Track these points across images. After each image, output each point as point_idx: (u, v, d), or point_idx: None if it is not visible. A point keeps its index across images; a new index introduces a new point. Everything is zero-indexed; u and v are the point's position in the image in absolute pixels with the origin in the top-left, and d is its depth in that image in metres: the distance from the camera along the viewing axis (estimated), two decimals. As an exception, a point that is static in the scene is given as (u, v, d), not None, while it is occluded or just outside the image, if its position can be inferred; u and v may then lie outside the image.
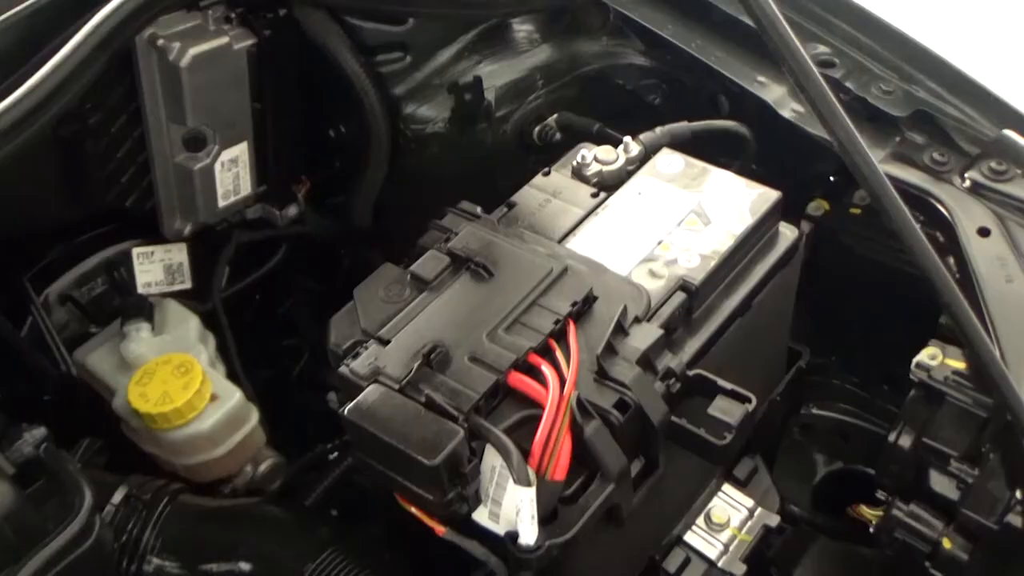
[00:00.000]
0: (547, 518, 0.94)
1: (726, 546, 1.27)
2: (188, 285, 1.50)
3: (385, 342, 1.01)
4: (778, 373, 1.35)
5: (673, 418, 1.00)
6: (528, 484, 0.90)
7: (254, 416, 1.27)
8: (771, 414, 1.35)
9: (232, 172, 1.42)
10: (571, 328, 1.01)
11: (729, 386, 1.01)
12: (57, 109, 1.02)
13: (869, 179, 1.05)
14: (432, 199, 1.25)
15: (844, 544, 1.41)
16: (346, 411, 0.95)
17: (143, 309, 1.33)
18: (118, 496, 1.09)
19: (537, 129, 1.50)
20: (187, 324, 1.35)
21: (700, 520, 1.28)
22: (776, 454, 1.46)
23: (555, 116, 1.50)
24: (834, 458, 1.59)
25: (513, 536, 0.93)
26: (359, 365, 0.99)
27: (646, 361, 1.01)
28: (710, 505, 1.29)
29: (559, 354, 0.99)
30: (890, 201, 1.05)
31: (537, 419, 0.94)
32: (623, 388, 0.97)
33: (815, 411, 1.61)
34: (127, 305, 1.34)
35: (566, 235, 1.15)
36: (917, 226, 1.07)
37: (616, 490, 0.98)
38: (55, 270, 1.37)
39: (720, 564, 1.25)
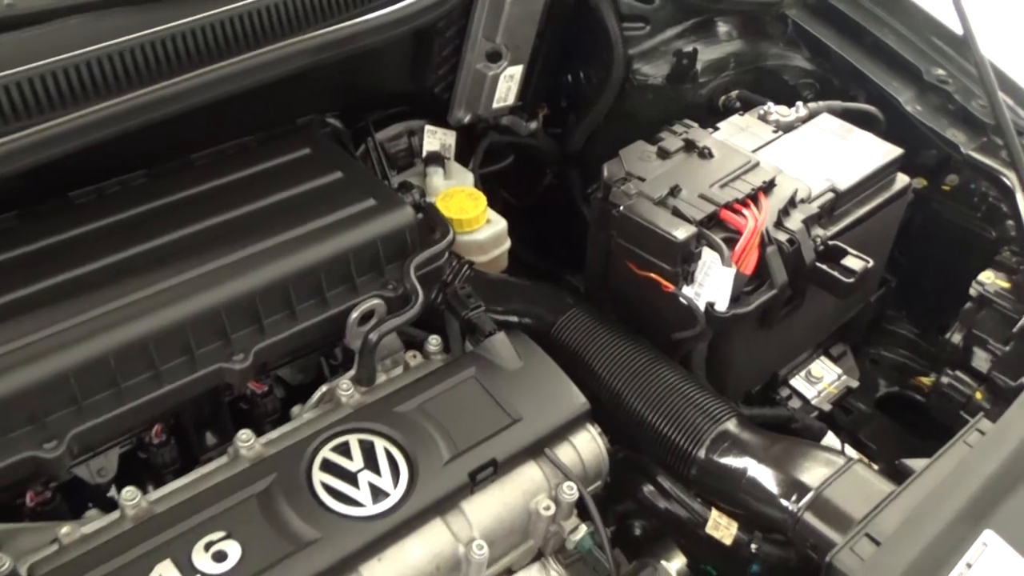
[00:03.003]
0: (734, 299, 1.48)
1: (819, 392, 1.81)
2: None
3: (642, 179, 1.57)
4: (873, 285, 1.89)
5: (816, 263, 1.55)
6: (731, 267, 1.45)
7: (507, 243, 1.83)
8: (863, 313, 1.89)
9: (507, 85, 2.00)
10: (761, 195, 1.57)
11: (854, 252, 1.56)
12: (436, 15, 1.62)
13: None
14: (634, 135, 1.81)
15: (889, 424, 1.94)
16: (621, 208, 1.51)
17: (440, 159, 1.91)
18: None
19: (723, 99, 2.06)
20: (466, 177, 1.92)
21: (803, 373, 1.83)
22: (860, 348, 1.98)
23: (737, 92, 2.07)
24: (891, 384, 2.11)
25: (712, 304, 1.48)
26: (628, 188, 1.55)
27: (805, 224, 1.56)
28: (811, 365, 1.84)
29: (753, 208, 1.54)
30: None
31: (735, 241, 1.50)
32: (791, 232, 1.53)
33: (883, 352, 2.14)
34: (430, 156, 1.92)
35: (755, 150, 1.71)
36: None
37: (774, 296, 1.52)
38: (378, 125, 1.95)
39: (813, 402, 1.79)
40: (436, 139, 2.03)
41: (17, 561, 1.15)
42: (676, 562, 1.61)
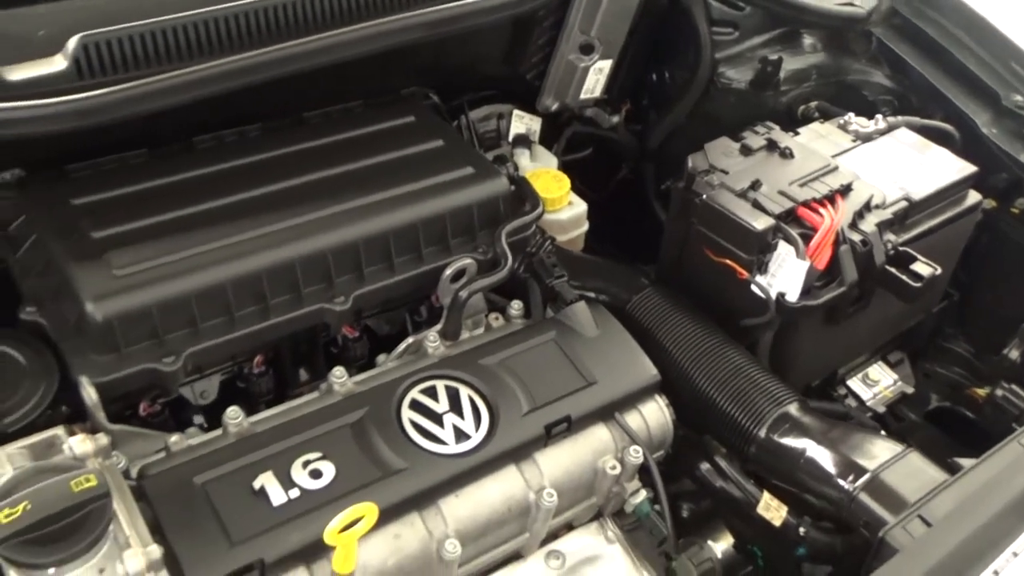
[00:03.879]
0: (804, 291, 1.55)
1: (874, 395, 1.87)
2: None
3: (725, 172, 1.65)
4: (936, 296, 1.94)
5: (886, 266, 1.61)
6: (805, 260, 1.52)
7: (586, 225, 1.92)
8: (924, 324, 1.95)
9: (596, 78, 2.08)
10: (838, 197, 1.64)
11: (923, 259, 1.62)
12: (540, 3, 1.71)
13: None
14: (713, 136, 1.89)
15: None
16: (704, 197, 1.59)
17: (527, 142, 2.00)
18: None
19: (802, 108, 2.13)
20: (550, 160, 2.01)
21: (860, 375, 1.89)
22: (918, 358, 2.04)
23: (816, 103, 2.14)
24: (943, 399, 2.16)
25: (782, 294, 1.55)
26: (711, 179, 1.63)
27: (878, 228, 1.62)
28: (869, 368, 1.90)
29: (830, 207, 1.62)
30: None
31: (809, 237, 1.57)
32: (864, 234, 1.59)
33: (937, 368, 2.19)
34: (517, 138, 2.01)
35: (834, 156, 1.78)
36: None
37: (843, 293, 1.59)
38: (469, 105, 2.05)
39: (868, 403, 1.85)
40: (523, 123, 2.13)
41: (129, 463, 1.26)
42: (722, 543, 1.68)
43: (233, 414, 1.31)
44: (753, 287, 1.56)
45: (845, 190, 1.65)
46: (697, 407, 1.54)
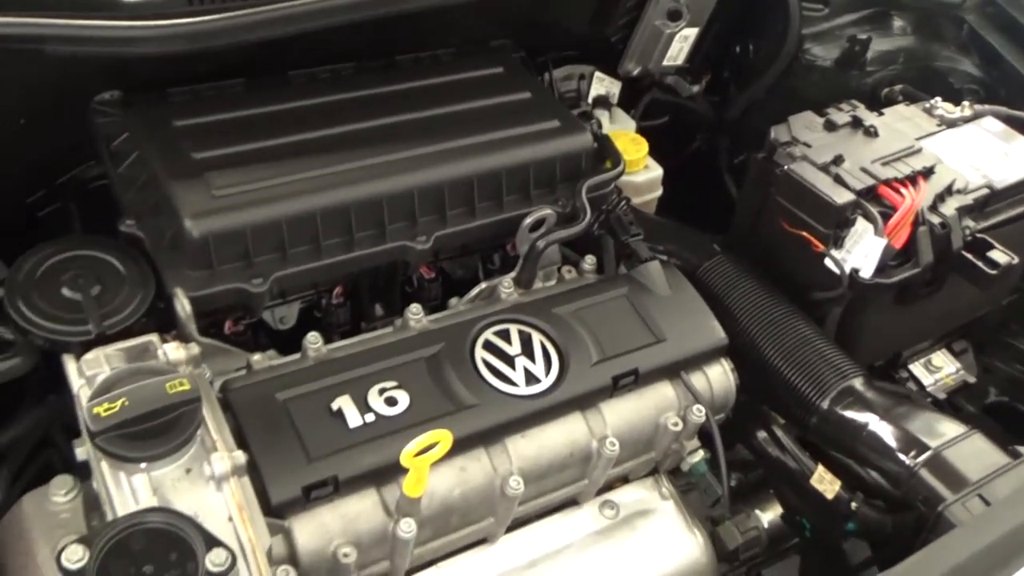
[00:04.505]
0: (878, 269, 1.56)
1: (935, 381, 1.87)
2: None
3: (807, 145, 1.66)
4: (1009, 287, 1.93)
5: (963, 251, 1.61)
6: (882, 237, 1.53)
7: (660, 190, 1.93)
8: (992, 315, 1.94)
9: (680, 45, 2.09)
10: (920, 178, 1.64)
11: (1001, 247, 1.61)
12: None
13: None
14: (790, 112, 1.88)
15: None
16: (786, 168, 1.60)
17: (607, 103, 2.02)
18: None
19: (886, 91, 2.12)
20: (629, 124, 2.03)
21: (922, 360, 1.89)
22: (986, 347, 2.03)
23: (901, 86, 2.12)
24: (1002, 394, 2.14)
25: (856, 270, 1.55)
26: (793, 151, 1.64)
27: (958, 212, 1.62)
28: (932, 354, 1.90)
29: (911, 188, 1.61)
30: None
31: (888, 216, 1.57)
32: (944, 217, 1.59)
33: (998, 363, 2.18)
34: (598, 99, 2.02)
35: (917, 139, 1.77)
36: None
37: (917, 275, 1.59)
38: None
39: (928, 389, 1.85)
40: (603, 86, 2.14)
41: (213, 377, 1.31)
42: (769, 513, 1.71)
43: (313, 339, 1.36)
44: (827, 261, 1.56)
45: (927, 172, 1.65)
46: (760, 375, 1.56)
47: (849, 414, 1.47)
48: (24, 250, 1.33)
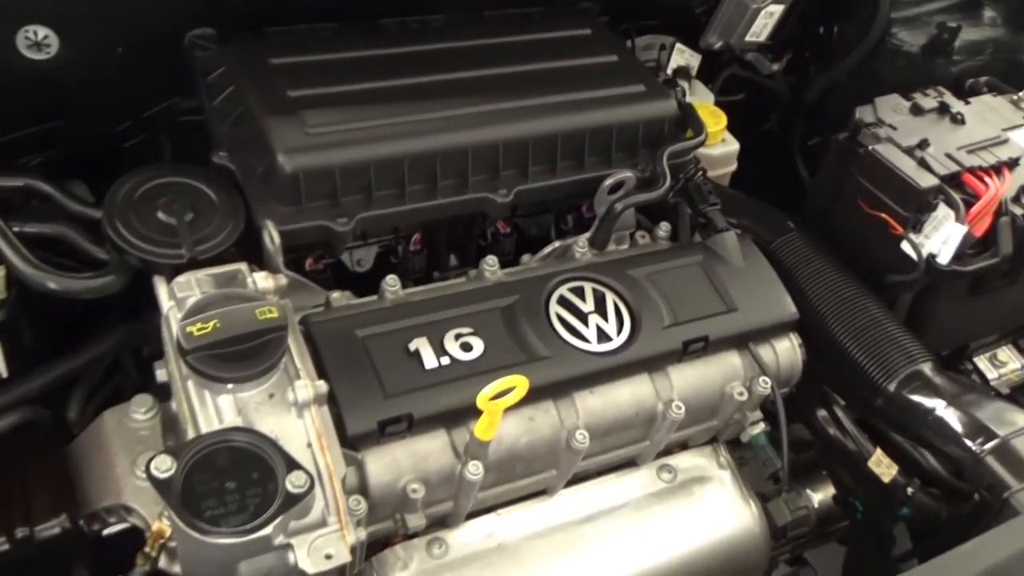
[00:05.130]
0: (956, 256, 1.55)
1: (999, 376, 1.85)
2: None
3: (893, 128, 1.64)
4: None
5: (1043, 246, 1.60)
6: (963, 224, 1.52)
7: (734, 165, 1.93)
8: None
9: (765, 22, 2.07)
10: (1005, 168, 1.62)
11: (1083, 244, 1.60)
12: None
13: None
14: (870, 96, 1.86)
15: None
16: (870, 148, 1.59)
17: (687, 74, 2.01)
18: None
19: (971, 81, 2.08)
20: (707, 97, 2.02)
21: (988, 354, 1.88)
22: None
23: (986, 78, 2.09)
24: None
25: (933, 256, 1.55)
26: (878, 132, 1.63)
27: (1042, 205, 1.61)
28: (998, 349, 1.88)
29: (996, 177, 1.60)
30: None
31: (971, 204, 1.56)
32: (1024, 208, 1.58)
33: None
34: (678, 70, 2.02)
35: (1004, 130, 1.75)
36: None
37: (995, 265, 1.57)
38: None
39: (992, 383, 1.84)
40: (683, 57, 2.13)
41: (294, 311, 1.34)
42: (820, 494, 1.71)
43: (392, 282, 1.38)
44: (904, 244, 1.56)
45: (1013, 163, 1.63)
46: (827, 354, 1.56)
47: (916, 398, 1.47)
48: (108, 179, 1.37)
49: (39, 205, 1.42)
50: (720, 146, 1.87)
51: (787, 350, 1.52)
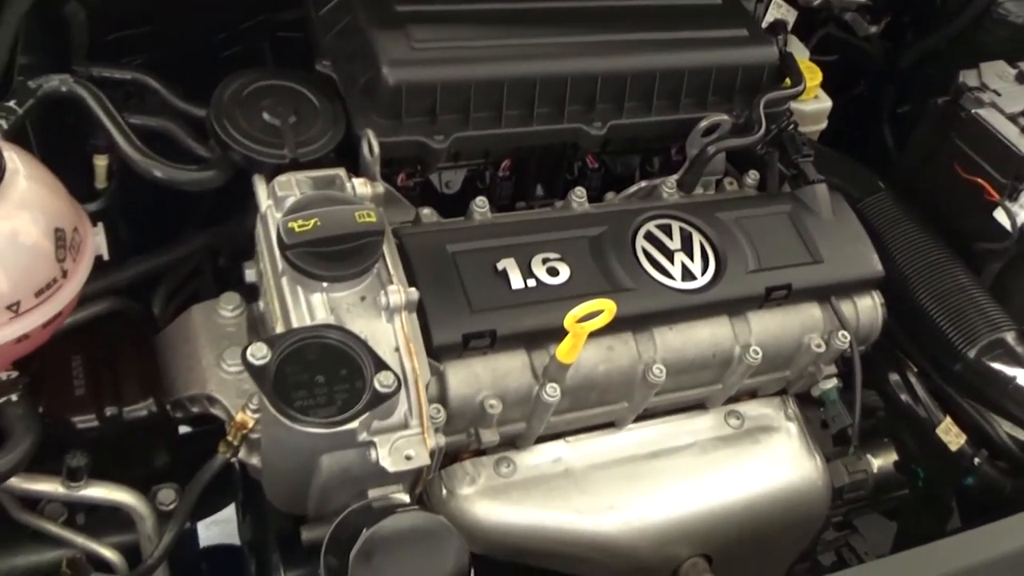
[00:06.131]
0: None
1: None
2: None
3: (997, 93, 1.61)
4: None
5: None
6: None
7: (825, 123, 1.90)
8: None
9: (864, -22, 2.03)
10: (1110, 144, 1.58)
11: None
12: None
13: None
14: (968, 65, 1.81)
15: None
16: (972, 112, 1.56)
17: (784, 28, 1.98)
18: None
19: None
20: (803, 52, 1.99)
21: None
22: None
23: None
24: None
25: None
26: (982, 96, 1.60)
27: None
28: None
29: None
30: None
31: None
32: None
33: None
34: (776, 24, 1.98)
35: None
36: None
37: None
38: None
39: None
40: (780, 11, 2.09)
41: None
42: (880, 460, 1.71)
43: (481, 203, 1.40)
44: (998, 212, 1.53)
45: (1116, 142, 1.59)
46: (908, 316, 1.55)
47: (997, 366, 1.45)
48: (204, 87, 1.39)
49: (137, 103, 1.45)
50: (813, 102, 1.85)
51: (868, 308, 1.51)
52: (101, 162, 1.42)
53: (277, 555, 1.38)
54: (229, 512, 1.79)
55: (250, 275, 1.38)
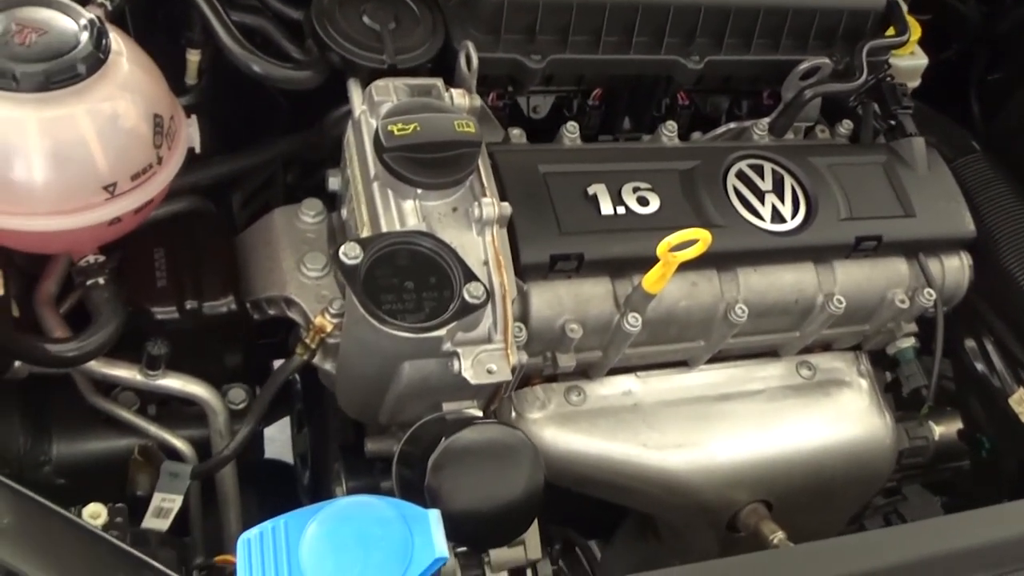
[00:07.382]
0: None
1: None
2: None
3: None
4: None
5: None
6: None
7: (918, 81, 1.85)
8: None
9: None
10: None
11: None
12: None
13: None
14: None
15: None
16: None
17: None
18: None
19: None
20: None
21: None
22: None
23: None
24: None
25: None
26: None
27: None
28: None
29: None
30: None
31: None
32: None
33: None
34: None
35: None
36: None
37: None
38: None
39: None
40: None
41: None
42: (942, 427, 1.68)
43: (572, 128, 1.38)
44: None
45: None
46: (994, 280, 1.51)
47: (1082, 338, 1.42)
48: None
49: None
50: (909, 58, 1.79)
51: (955, 268, 1.47)
52: (194, 57, 1.40)
53: (340, 463, 1.39)
54: (272, 431, 1.80)
55: (334, 183, 1.37)
